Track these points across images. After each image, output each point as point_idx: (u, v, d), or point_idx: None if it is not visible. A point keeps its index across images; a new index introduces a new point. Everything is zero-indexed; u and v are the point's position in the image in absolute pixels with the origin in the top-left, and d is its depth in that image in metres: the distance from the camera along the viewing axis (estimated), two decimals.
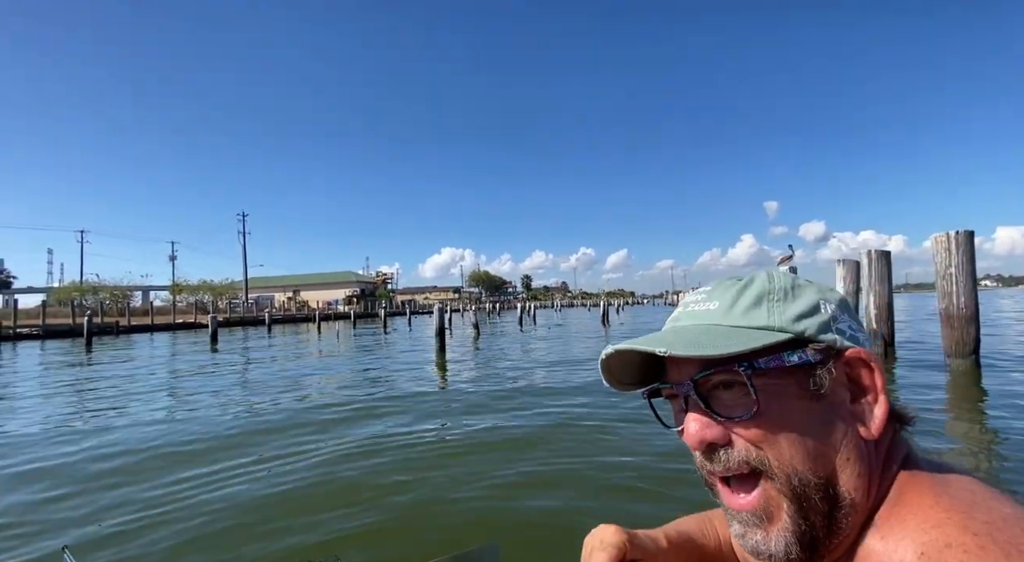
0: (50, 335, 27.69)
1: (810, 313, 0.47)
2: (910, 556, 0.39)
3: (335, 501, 3.15)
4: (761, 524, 0.45)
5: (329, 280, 79.14)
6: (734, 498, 0.47)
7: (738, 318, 0.48)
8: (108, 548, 2.67)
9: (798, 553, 0.44)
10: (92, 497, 3.40)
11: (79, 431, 5.36)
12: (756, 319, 0.47)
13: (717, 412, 0.46)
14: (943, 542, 0.38)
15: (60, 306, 38.65)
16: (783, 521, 0.44)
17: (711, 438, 0.46)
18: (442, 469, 3.67)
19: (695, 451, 0.49)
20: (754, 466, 0.45)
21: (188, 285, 56.89)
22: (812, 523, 0.43)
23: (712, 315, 0.49)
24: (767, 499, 0.45)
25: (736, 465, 0.45)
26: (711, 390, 0.47)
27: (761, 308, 0.48)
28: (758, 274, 0.51)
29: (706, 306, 0.51)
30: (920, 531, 0.40)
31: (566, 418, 5.07)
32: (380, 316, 40.25)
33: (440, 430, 4.91)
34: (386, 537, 2.64)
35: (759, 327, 0.46)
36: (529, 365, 9.63)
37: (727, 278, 0.53)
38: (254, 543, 2.65)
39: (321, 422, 5.30)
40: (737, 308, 0.48)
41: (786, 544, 0.44)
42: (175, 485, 3.52)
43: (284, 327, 35.79)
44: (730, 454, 0.46)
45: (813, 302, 0.48)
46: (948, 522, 0.39)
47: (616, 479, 3.33)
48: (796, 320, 0.46)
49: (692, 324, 0.50)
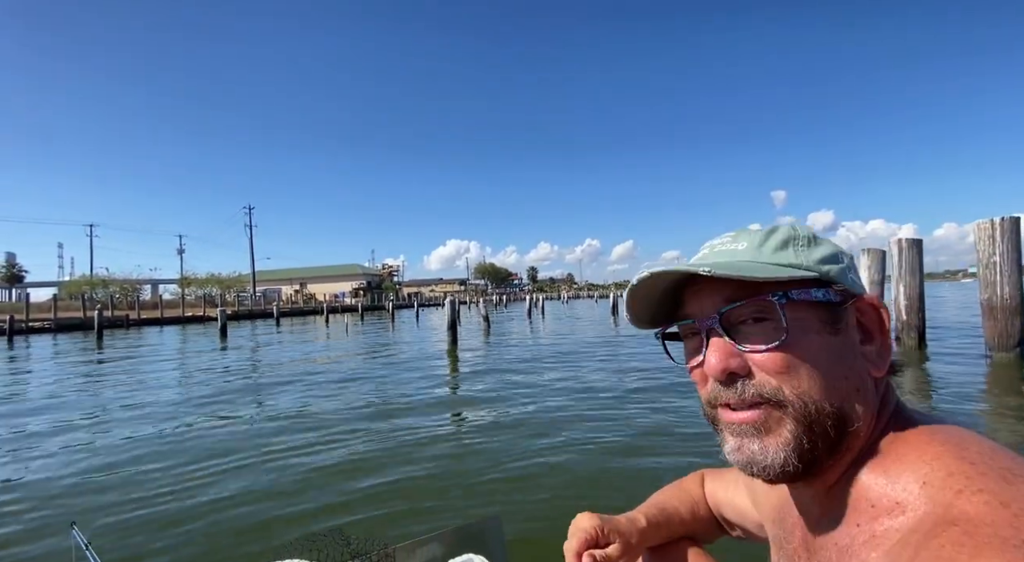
0: (61, 328, 27.85)
1: (832, 260, 0.50)
2: (912, 486, 0.42)
3: (342, 478, 3.31)
4: (759, 435, 0.48)
5: (335, 273, 79.26)
6: (735, 414, 0.49)
7: (768, 256, 0.50)
8: (113, 519, 2.84)
9: (795, 466, 0.47)
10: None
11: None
12: (785, 258, 0.50)
13: (740, 343, 0.48)
14: (944, 471, 0.40)
15: (71, 300, 38.91)
16: (783, 437, 0.47)
17: (734, 367, 0.48)
18: (449, 448, 3.83)
19: (711, 382, 0.50)
20: (767, 397, 0.47)
21: (196, 278, 57.16)
22: (816, 445, 0.46)
23: (742, 253, 0.52)
24: (767, 415, 0.47)
25: (751, 396, 0.48)
26: (734, 324, 0.49)
27: (788, 250, 0.51)
28: (781, 224, 0.54)
29: (734, 246, 0.53)
30: (920, 463, 0.42)
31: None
32: (387, 309, 40.63)
33: (455, 418, 4.91)
34: (391, 511, 2.76)
35: (788, 264, 0.49)
36: (555, 362, 9.43)
37: (749, 227, 0.55)
38: (259, 516, 2.79)
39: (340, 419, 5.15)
40: (766, 249, 0.51)
41: (785, 458, 0.47)
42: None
43: (292, 320, 35.79)
44: (746, 385, 0.48)
45: (834, 251, 0.51)
46: (945, 454, 0.42)
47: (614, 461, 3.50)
48: (821, 262, 0.50)
49: (722, 261, 0.52)
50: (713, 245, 0.56)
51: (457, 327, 11.81)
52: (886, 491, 0.44)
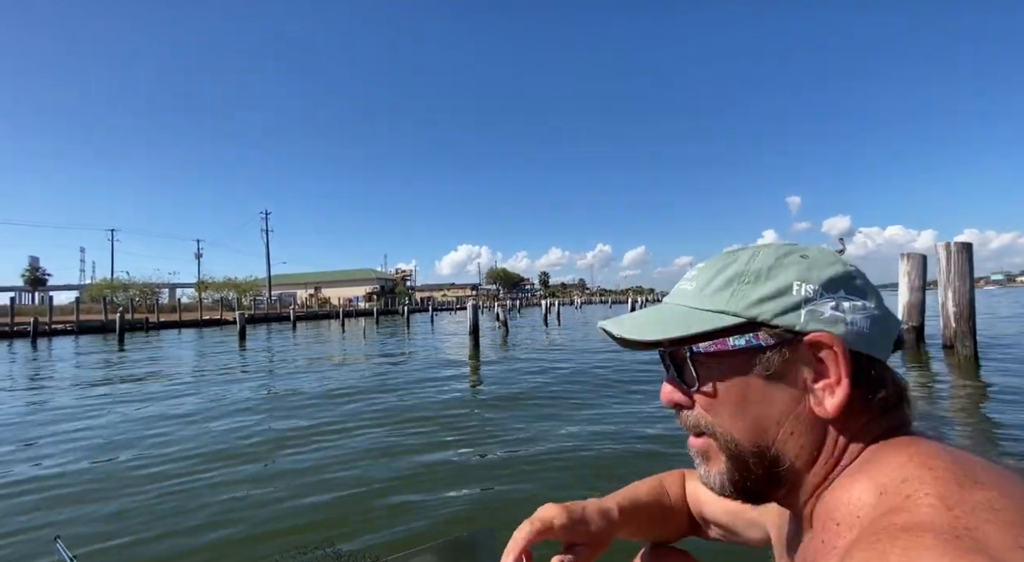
0: (83, 331, 28.28)
1: (774, 296, 0.47)
2: (869, 497, 0.42)
3: (333, 489, 3.23)
4: (704, 461, 0.53)
5: (349, 277, 79.76)
6: (690, 439, 0.54)
7: (704, 300, 0.51)
8: (101, 529, 2.78)
9: (731, 493, 0.52)
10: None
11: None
12: (717, 302, 0.50)
13: (682, 380, 0.53)
14: (900, 478, 0.41)
15: (92, 303, 39.58)
16: (719, 467, 0.52)
17: (676, 401, 0.54)
18: (443, 460, 3.76)
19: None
20: (702, 429, 0.52)
21: (213, 282, 57.89)
22: (746, 478, 0.50)
23: (686, 295, 0.53)
24: (708, 446, 0.52)
25: (691, 426, 0.53)
26: (681, 361, 0.52)
27: (727, 291, 0.50)
28: (745, 251, 0.53)
29: (687, 285, 0.54)
30: (882, 475, 0.43)
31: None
32: (401, 313, 40.73)
33: (461, 429, 4.72)
34: (382, 523, 2.70)
35: (715, 310, 0.49)
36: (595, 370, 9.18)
37: (730, 250, 0.55)
38: (251, 526, 2.73)
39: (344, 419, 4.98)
40: (707, 290, 0.51)
41: (721, 483, 0.52)
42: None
43: (307, 324, 35.97)
44: (687, 417, 0.53)
45: (784, 285, 0.48)
46: (907, 463, 0.42)
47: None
48: (754, 304, 0.48)
49: (669, 303, 0.54)
50: (682, 280, 0.56)
51: (479, 333, 11.59)
52: (849, 508, 0.44)
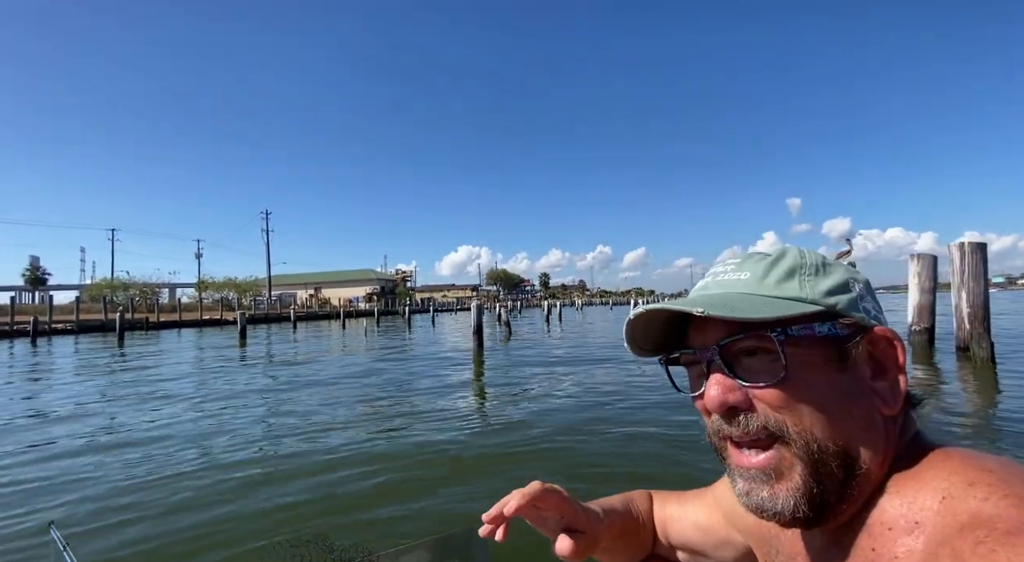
0: (83, 330, 28.19)
1: (840, 290, 0.48)
2: (931, 502, 0.41)
3: (327, 484, 3.21)
4: (768, 482, 0.47)
5: (350, 278, 79.66)
6: (744, 457, 0.48)
7: (771, 288, 0.48)
8: (96, 522, 2.78)
9: (805, 513, 0.45)
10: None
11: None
12: (788, 290, 0.48)
13: (741, 377, 0.47)
14: (965, 482, 0.40)
15: (92, 302, 39.47)
16: (794, 482, 0.45)
17: (733, 402, 0.47)
18: (438, 457, 3.75)
19: (714, 414, 0.49)
20: (772, 431, 0.46)
21: (213, 282, 57.79)
22: (825, 488, 0.45)
23: (744, 284, 0.50)
24: (779, 460, 0.46)
25: (755, 430, 0.46)
26: (735, 356, 0.47)
27: (793, 281, 0.48)
28: (788, 249, 0.52)
29: (737, 276, 0.51)
30: (938, 480, 0.42)
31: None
32: (401, 314, 40.53)
33: (461, 427, 4.63)
34: (375, 520, 2.70)
35: (791, 298, 0.47)
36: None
37: (755, 252, 0.53)
38: (243, 520, 2.72)
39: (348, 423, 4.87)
40: (769, 279, 0.49)
41: (795, 504, 0.45)
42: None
43: (307, 324, 35.86)
44: (749, 419, 0.46)
45: (844, 280, 0.49)
46: (964, 467, 0.41)
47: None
48: (828, 294, 0.47)
49: (723, 292, 0.50)
50: (716, 273, 0.53)
51: (483, 332, 11.50)
52: (903, 512, 0.42)
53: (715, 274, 0.53)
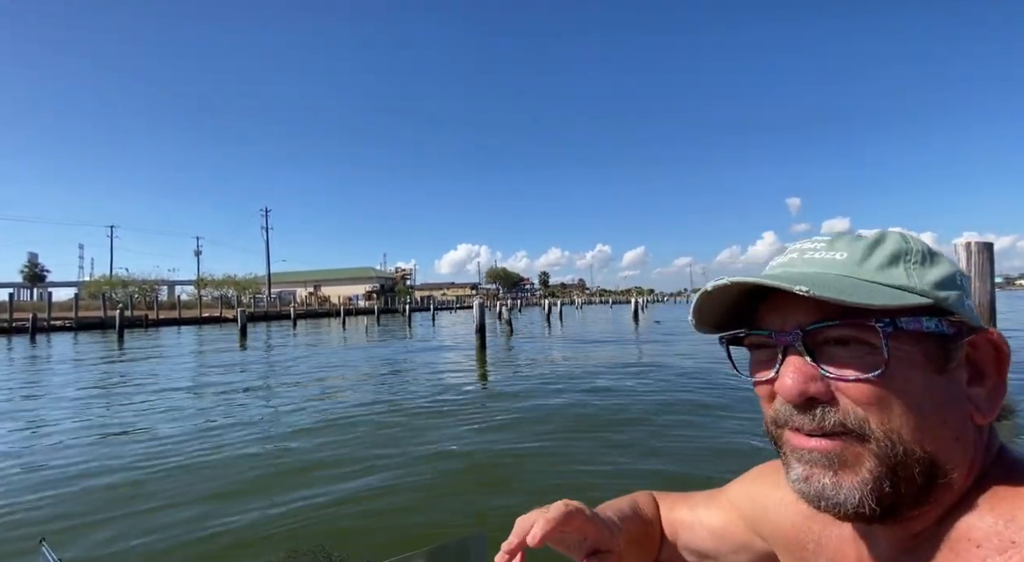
0: (82, 327, 28.12)
1: (948, 283, 0.43)
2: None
3: (325, 492, 3.16)
4: (832, 467, 0.42)
5: (349, 276, 79.62)
6: (807, 440, 0.43)
7: (872, 273, 0.43)
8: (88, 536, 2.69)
9: (871, 509, 0.41)
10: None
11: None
12: (894, 277, 0.42)
13: (825, 367, 0.42)
14: None
15: (91, 299, 39.40)
16: (862, 476, 0.41)
17: (813, 392, 0.42)
18: (438, 464, 3.68)
19: (779, 403, 0.44)
20: (851, 428, 0.41)
21: (213, 280, 57.70)
22: (899, 490, 0.41)
23: (840, 265, 0.44)
24: (846, 448, 0.41)
25: (832, 425, 0.41)
26: (821, 343, 0.42)
27: (898, 267, 0.43)
28: (889, 232, 0.46)
29: (830, 255, 0.45)
30: None
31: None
32: (401, 312, 40.53)
33: (460, 432, 4.62)
34: (374, 527, 2.67)
35: (898, 286, 0.42)
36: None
37: (845, 233, 0.49)
38: (241, 530, 2.67)
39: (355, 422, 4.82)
40: (871, 262, 0.43)
41: (860, 498, 0.41)
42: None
43: (307, 322, 35.81)
44: (827, 412, 0.42)
45: (951, 272, 0.43)
46: None
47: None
48: (936, 287, 0.42)
49: (815, 271, 0.44)
50: (803, 249, 0.47)
51: (485, 331, 11.47)
52: (996, 530, 0.39)
53: (801, 250, 0.48)
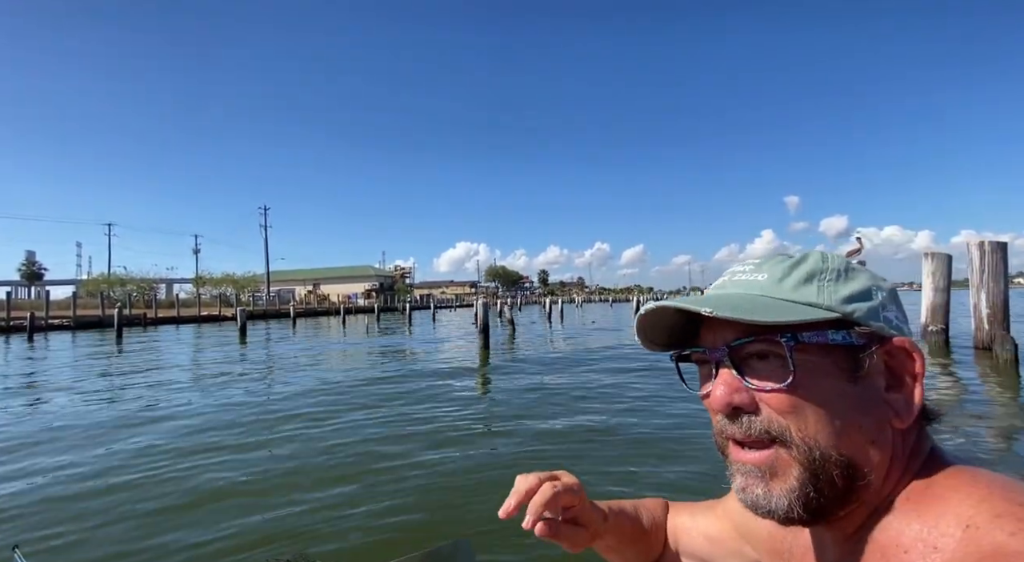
0: (80, 326, 27.93)
1: (861, 297, 0.47)
2: (954, 530, 0.39)
3: (308, 498, 3.08)
4: (764, 478, 0.46)
5: (348, 274, 79.44)
6: (743, 453, 0.48)
7: (788, 292, 0.47)
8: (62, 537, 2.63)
9: (800, 514, 0.45)
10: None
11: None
12: (806, 295, 0.47)
13: (748, 379, 0.46)
14: (992, 513, 0.38)
15: (89, 297, 39.20)
16: (789, 483, 0.45)
17: (738, 402, 0.47)
18: (424, 469, 3.61)
19: (718, 414, 0.49)
20: (774, 435, 0.45)
21: (211, 278, 57.47)
22: (822, 493, 0.44)
23: (761, 285, 0.49)
24: (775, 458, 0.46)
25: (757, 432, 0.46)
26: (745, 358, 0.47)
27: (811, 285, 0.47)
28: (812, 252, 0.51)
29: (755, 276, 0.50)
30: (964, 506, 0.40)
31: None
32: (400, 310, 40.39)
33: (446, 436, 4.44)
34: (358, 534, 2.60)
35: (808, 303, 0.46)
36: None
37: (777, 253, 0.53)
38: (221, 536, 2.60)
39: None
40: (787, 282, 0.48)
41: (789, 504, 0.45)
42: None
43: (306, 321, 35.65)
44: (752, 421, 0.46)
45: (865, 286, 0.48)
46: (991, 496, 0.39)
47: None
48: (846, 301, 0.46)
49: (739, 292, 0.50)
50: (735, 272, 0.53)
51: (489, 331, 11.35)
52: (922, 536, 0.41)
53: (733, 273, 0.53)
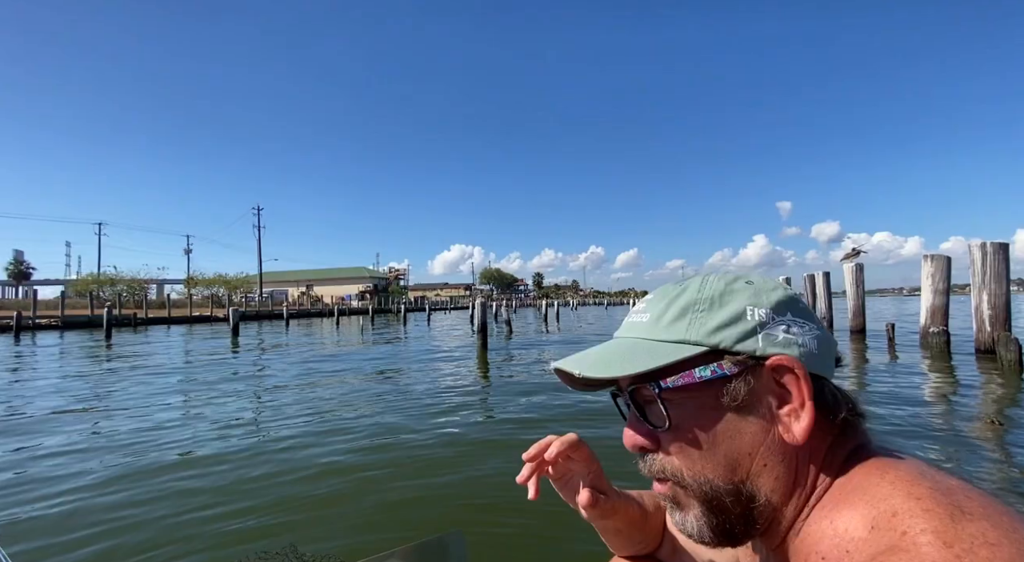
0: (69, 326, 27.45)
1: (731, 322, 0.46)
2: (861, 532, 0.40)
3: (298, 491, 3.03)
4: (676, 507, 0.49)
5: (342, 275, 78.93)
6: (655, 484, 0.51)
7: (661, 331, 0.48)
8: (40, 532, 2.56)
9: (712, 539, 0.47)
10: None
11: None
12: (676, 332, 0.47)
13: (649, 421, 0.49)
14: (890, 511, 0.39)
15: (78, 297, 38.61)
16: (693, 513, 0.48)
17: (640, 444, 0.50)
18: (411, 462, 3.58)
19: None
20: (670, 476, 0.48)
21: (203, 279, 56.82)
22: (724, 520, 0.46)
23: (642, 328, 0.50)
24: (676, 492, 0.48)
25: (655, 472, 0.49)
26: (644, 401, 0.49)
27: (684, 320, 0.48)
28: (693, 281, 0.51)
29: (640, 317, 0.51)
30: (869, 507, 0.40)
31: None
32: (395, 312, 40.14)
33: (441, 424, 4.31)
34: (348, 525, 2.57)
35: (675, 341, 0.47)
36: None
37: (672, 284, 0.53)
38: (210, 530, 2.53)
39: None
40: (663, 321, 0.49)
41: (699, 530, 0.48)
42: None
43: (299, 322, 35.28)
44: (652, 460, 0.49)
45: (738, 310, 0.47)
46: (894, 493, 0.40)
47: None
48: (713, 332, 0.46)
49: (625, 337, 0.52)
50: (633, 311, 0.54)
51: (487, 331, 11.22)
52: (835, 541, 0.41)
53: (631, 314, 0.54)
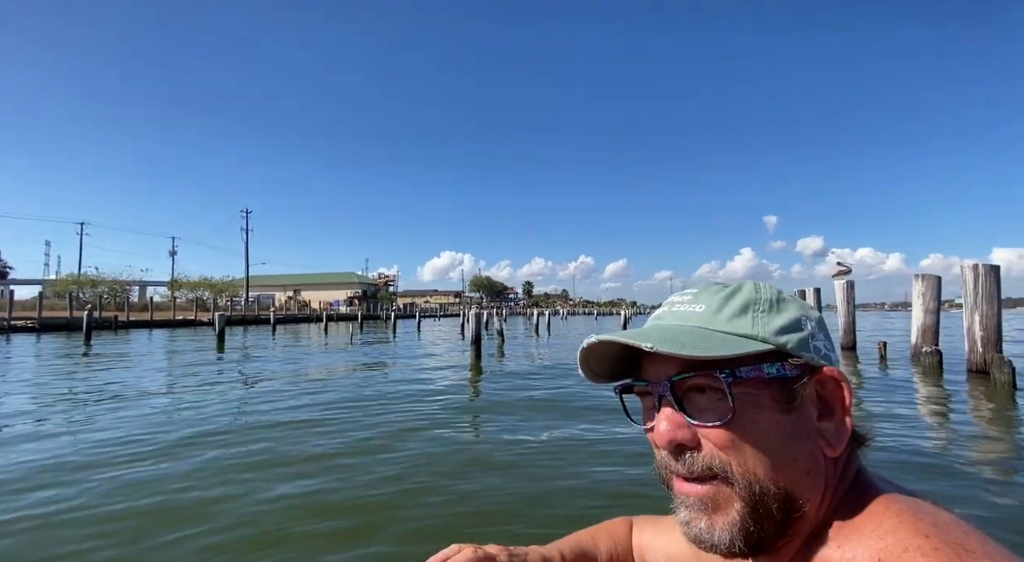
0: (46, 328, 26.63)
1: (792, 328, 0.48)
2: (867, 561, 0.41)
3: (293, 510, 2.99)
4: (707, 511, 0.47)
5: (330, 280, 78.11)
6: (687, 486, 0.48)
7: (723, 324, 0.48)
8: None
9: (741, 548, 0.46)
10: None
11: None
12: (741, 327, 0.47)
13: (690, 415, 0.47)
14: (900, 547, 0.39)
15: (57, 299, 37.55)
16: (731, 517, 0.46)
17: (681, 439, 0.47)
18: (411, 477, 3.56)
19: (661, 450, 0.49)
20: (717, 472, 0.46)
21: (188, 281, 55.76)
22: (762, 527, 0.45)
23: (698, 317, 0.50)
24: (717, 492, 0.46)
25: (700, 469, 0.46)
26: (686, 392, 0.47)
27: (746, 317, 0.48)
28: (744, 283, 0.52)
29: (692, 308, 0.51)
30: (875, 538, 0.41)
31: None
32: (384, 319, 39.71)
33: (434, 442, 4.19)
34: (344, 544, 2.53)
35: (743, 335, 0.47)
36: None
37: (714, 283, 0.54)
38: (201, 552, 2.46)
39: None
40: (723, 314, 0.49)
41: (731, 538, 0.45)
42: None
43: (286, 328, 34.68)
44: (695, 457, 0.47)
45: (796, 317, 0.49)
46: (900, 527, 0.41)
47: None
48: (779, 333, 0.47)
49: (677, 324, 0.50)
50: (673, 303, 0.53)
51: (481, 343, 11.07)
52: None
53: (672, 304, 0.53)
